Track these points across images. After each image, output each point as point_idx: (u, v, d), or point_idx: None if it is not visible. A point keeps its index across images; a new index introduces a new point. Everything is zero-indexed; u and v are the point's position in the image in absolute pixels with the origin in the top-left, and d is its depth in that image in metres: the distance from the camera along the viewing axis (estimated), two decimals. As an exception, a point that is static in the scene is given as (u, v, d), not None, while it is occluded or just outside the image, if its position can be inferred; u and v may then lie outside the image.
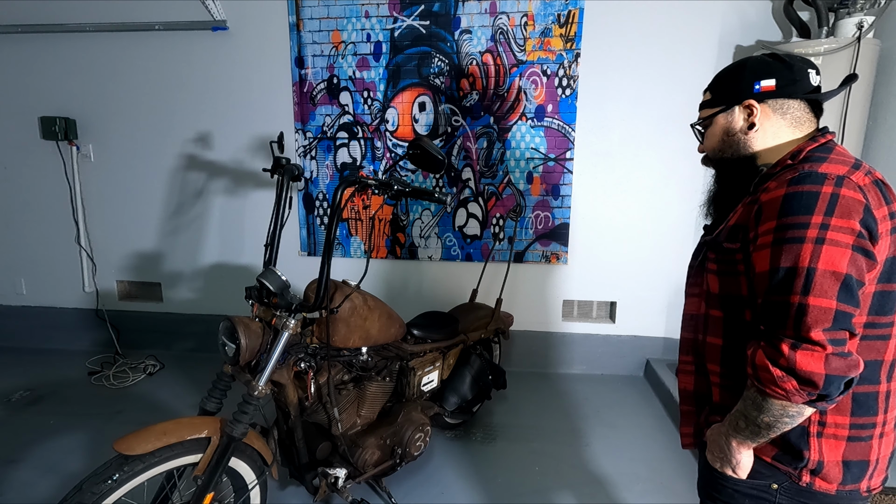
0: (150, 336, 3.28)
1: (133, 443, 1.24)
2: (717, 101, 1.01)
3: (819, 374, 0.74)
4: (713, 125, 1.01)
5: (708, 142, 1.04)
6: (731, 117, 0.99)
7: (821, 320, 0.75)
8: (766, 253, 0.81)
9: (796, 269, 0.77)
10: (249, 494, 1.52)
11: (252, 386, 1.40)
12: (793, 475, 0.89)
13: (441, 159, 1.46)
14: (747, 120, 0.97)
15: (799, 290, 0.77)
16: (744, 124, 0.97)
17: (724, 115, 1.00)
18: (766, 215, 0.83)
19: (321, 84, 2.87)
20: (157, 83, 2.97)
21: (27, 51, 3.00)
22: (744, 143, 0.98)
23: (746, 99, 0.96)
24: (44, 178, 3.13)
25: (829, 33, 2.29)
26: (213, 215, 3.12)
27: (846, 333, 0.76)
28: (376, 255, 3.03)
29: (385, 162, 2.93)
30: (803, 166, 0.83)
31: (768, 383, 0.79)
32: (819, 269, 0.76)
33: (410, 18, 2.75)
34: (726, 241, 0.91)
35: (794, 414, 0.80)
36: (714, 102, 1.01)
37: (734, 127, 0.99)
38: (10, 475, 2.00)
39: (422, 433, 1.89)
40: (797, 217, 0.78)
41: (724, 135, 1.00)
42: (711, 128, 1.02)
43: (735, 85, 0.98)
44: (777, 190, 0.82)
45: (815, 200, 0.78)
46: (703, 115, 1.04)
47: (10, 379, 2.86)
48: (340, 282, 1.65)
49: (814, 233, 0.77)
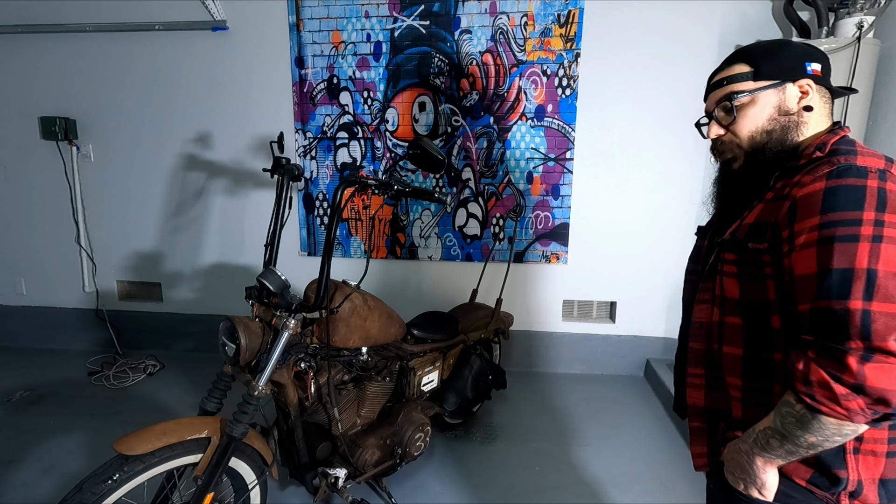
0: (150, 336, 3.28)
1: (133, 443, 1.24)
2: (764, 75, 0.87)
3: (894, 391, 0.65)
4: (754, 103, 0.87)
5: (747, 122, 0.88)
6: (784, 95, 0.86)
7: (892, 328, 0.66)
8: (811, 253, 0.72)
9: (853, 270, 0.68)
10: (249, 494, 1.52)
11: (252, 386, 1.40)
12: (830, 500, 0.80)
13: (441, 159, 1.46)
14: (799, 102, 0.86)
15: (860, 294, 0.68)
16: (798, 106, 0.86)
17: (775, 92, 0.86)
18: (804, 211, 0.74)
19: (321, 84, 2.87)
20: (157, 83, 2.97)
21: (27, 51, 3.00)
22: (797, 127, 0.87)
23: (802, 78, 0.86)
24: (44, 178, 3.13)
25: (829, 33, 2.29)
26: (213, 215, 3.12)
27: None
28: (376, 255, 3.03)
29: (385, 162, 2.93)
30: (838, 159, 0.76)
31: (827, 401, 0.69)
32: (881, 271, 0.68)
33: (410, 18, 2.75)
34: (751, 240, 0.82)
35: (849, 433, 0.71)
36: (759, 76, 0.87)
37: (789, 106, 0.86)
38: (10, 475, 2.00)
39: (422, 433, 1.89)
40: (845, 213, 0.70)
41: (777, 114, 0.87)
42: (751, 106, 0.87)
43: (787, 61, 0.87)
44: (815, 184, 0.74)
45: (862, 195, 0.70)
46: (744, 89, 0.88)
47: (10, 379, 2.86)
48: (340, 282, 1.65)
49: (868, 230, 0.69)
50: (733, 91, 0.89)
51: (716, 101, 0.92)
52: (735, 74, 0.90)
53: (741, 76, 0.89)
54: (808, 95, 0.86)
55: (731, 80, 0.90)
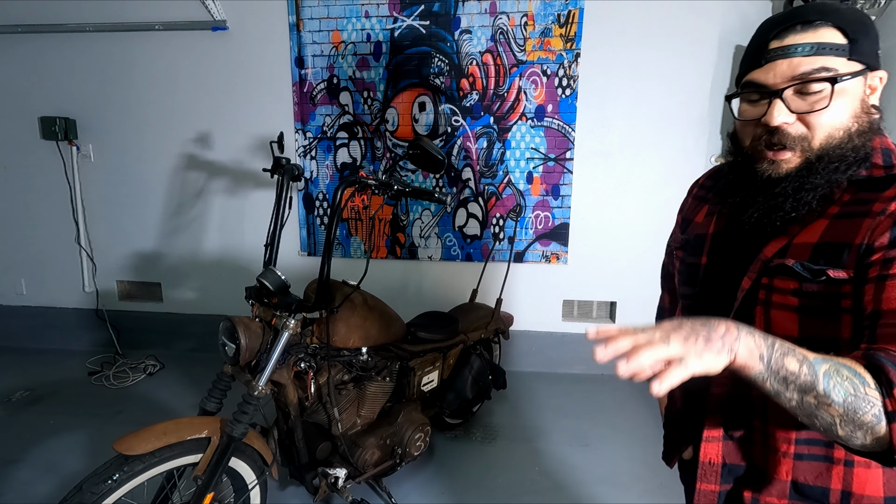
0: (150, 336, 3.28)
1: (133, 443, 1.24)
2: (859, 53, 0.65)
3: None
4: (844, 91, 0.65)
5: (832, 115, 0.65)
6: (865, 86, 0.67)
7: None
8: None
9: None
10: (249, 494, 1.52)
11: (252, 386, 1.40)
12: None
13: (441, 159, 1.46)
14: (869, 97, 0.68)
15: None
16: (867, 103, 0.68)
17: (861, 80, 0.66)
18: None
19: (321, 84, 2.87)
20: (157, 83, 2.97)
21: (27, 51, 3.00)
22: (870, 128, 0.67)
23: (878, 68, 0.67)
24: (44, 178, 3.13)
25: (829, 33, 2.29)
26: (213, 215, 3.12)
27: None
28: (376, 255, 3.03)
29: (385, 162, 2.93)
30: None
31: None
32: None
33: (410, 18, 2.75)
34: (828, 266, 0.64)
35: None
36: (857, 54, 0.65)
37: (868, 102, 0.68)
38: (10, 475, 2.00)
39: (422, 433, 1.89)
40: None
41: (862, 109, 0.67)
42: (841, 95, 0.65)
43: (875, 41, 0.67)
44: None
45: None
46: (841, 70, 0.64)
47: (10, 379, 2.86)
48: (340, 282, 1.65)
49: None
50: (825, 67, 0.64)
51: (794, 76, 0.65)
52: (829, 44, 0.64)
53: (836, 48, 0.64)
54: (876, 92, 0.69)
55: (823, 50, 0.64)
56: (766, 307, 0.70)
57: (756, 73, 0.69)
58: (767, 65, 0.67)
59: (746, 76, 0.71)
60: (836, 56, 0.64)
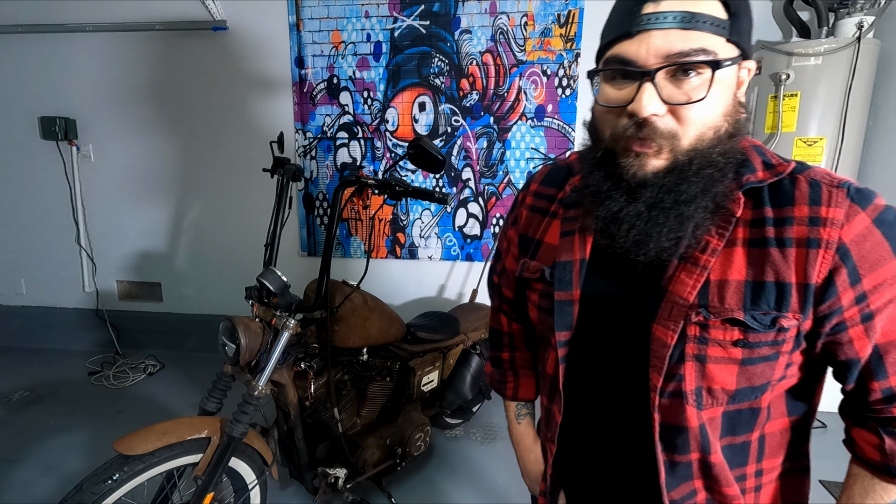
0: (150, 336, 3.28)
1: (133, 443, 1.24)
2: (739, 34, 0.54)
3: None
4: (716, 81, 0.53)
5: (709, 107, 0.54)
6: (737, 77, 0.57)
7: None
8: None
9: None
10: (249, 494, 1.52)
11: (252, 386, 1.40)
12: None
13: (441, 159, 1.46)
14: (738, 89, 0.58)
15: None
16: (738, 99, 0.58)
17: (735, 70, 0.56)
18: (873, 259, 0.54)
19: (321, 84, 2.87)
20: (157, 83, 2.97)
21: (27, 51, 3.00)
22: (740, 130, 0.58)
23: (751, 58, 0.57)
24: (44, 178, 3.13)
25: (829, 33, 2.29)
26: (213, 215, 3.12)
27: None
28: (376, 255, 3.03)
29: (385, 162, 2.93)
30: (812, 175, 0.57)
31: None
32: None
33: (410, 18, 2.75)
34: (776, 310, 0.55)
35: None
36: (736, 34, 0.54)
37: (740, 94, 0.58)
38: (10, 475, 2.00)
39: (422, 433, 1.89)
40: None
41: (733, 106, 0.56)
42: (719, 84, 0.54)
43: (751, 25, 0.57)
44: (854, 218, 0.54)
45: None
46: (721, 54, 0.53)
47: (10, 379, 2.86)
48: (340, 282, 1.65)
49: None
50: (703, 49, 0.51)
51: (669, 55, 0.52)
52: (710, 17, 0.51)
53: (718, 24, 0.52)
54: (743, 86, 0.58)
55: (704, 24, 0.51)
56: (700, 362, 0.58)
57: (624, 46, 0.54)
58: (639, 35, 0.52)
59: (612, 48, 0.56)
60: (716, 34, 0.52)
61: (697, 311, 0.57)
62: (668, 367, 0.59)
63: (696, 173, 0.55)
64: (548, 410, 0.76)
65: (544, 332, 0.73)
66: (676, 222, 0.56)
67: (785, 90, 2.25)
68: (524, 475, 0.93)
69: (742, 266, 0.57)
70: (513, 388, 0.94)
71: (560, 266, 0.68)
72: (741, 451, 0.63)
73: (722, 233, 0.57)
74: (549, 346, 0.72)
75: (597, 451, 0.71)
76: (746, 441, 0.63)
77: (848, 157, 2.26)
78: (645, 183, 0.56)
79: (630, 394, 0.63)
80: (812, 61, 2.20)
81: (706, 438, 0.60)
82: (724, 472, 0.62)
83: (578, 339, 0.68)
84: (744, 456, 0.64)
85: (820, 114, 2.23)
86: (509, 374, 0.95)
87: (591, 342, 0.67)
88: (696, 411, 0.59)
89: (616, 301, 0.64)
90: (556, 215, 0.73)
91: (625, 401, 0.65)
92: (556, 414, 0.72)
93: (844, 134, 2.21)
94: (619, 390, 0.65)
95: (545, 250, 0.73)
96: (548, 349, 0.73)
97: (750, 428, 0.63)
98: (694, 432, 0.60)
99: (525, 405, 0.95)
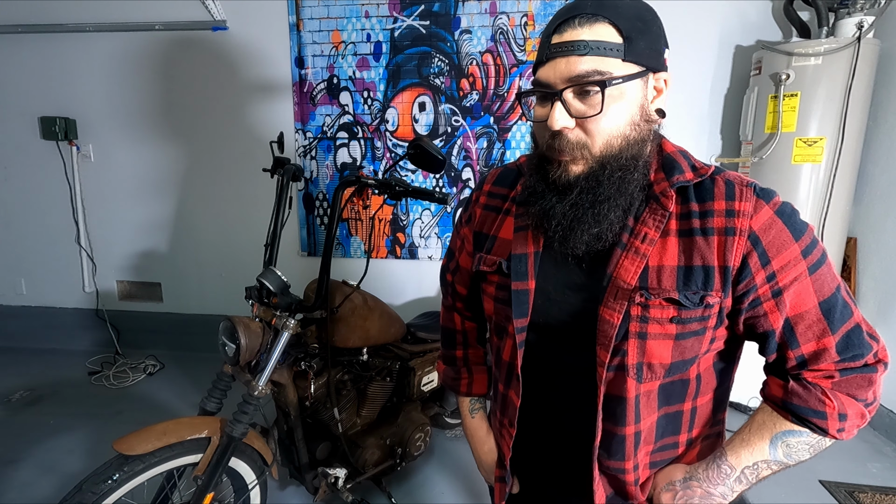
0: (150, 336, 3.28)
1: (133, 443, 1.24)
2: (635, 54, 0.61)
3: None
4: (622, 95, 0.62)
5: (609, 120, 0.62)
6: (646, 91, 0.65)
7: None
8: (806, 286, 0.64)
9: (839, 287, 0.65)
10: (249, 494, 1.52)
11: (252, 386, 1.40)
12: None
13: (441, 159, 1.46)
14: (652, 102, 0.66)
15: (852, 306, 0.66)
16: (652, 108, 0.66)
17: (642, 83, 0.64)
18: (778, 244, 0.63)
19: (321, 84, 2.87)
20: (157, 83, 2.97)
21: (27, 51, 3.00)
22: (650, 136, 0.67)
23: (663, 70, 0.65)
24: (44, 178, 3.13)
25: (829, 33, 2.29)
26: (214, 215, 3.12)
27: None
28: (376, 255, 3.03)
29: (385, 162, 2.93)
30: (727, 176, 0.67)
31: (857, 430, 0.67)
32: (840, 279, 0.67)
33: (410, 18, 2.75)
34: (703, 290, 0.64)
35: None
36: (630, 54, 0.61)
37: (649, 108, 0.66)
38: (10, 475, 2.00)
39: (422, 433, 1.89)
40: (808, 232, 0.65)
41: (640, 117, 0.64)
42: (619, 99, 0.62)
43: (656, 41, 0.64)
44: (761, 210, 0.63)
45: (795, 210, 0.67)
46: (615, 73, 0.61)
47: (10, 379, 2.86)
48: (340, 282, 1.65)
49: (822, 246, 0.66)
50: (597, 70, 0.60)
51: (570, 77, 0.61)
52: (603, 43, 0.60)
53: (610, 48, 0.60)
54: (661, 95, 0.67)
55: (597, 49, 0.60)
56: (641, 339, 0.66)
57: (542, 71, 0.64)
58: (549, 62, 0.63)
59: (535, 74, 0.66)
60: (611, 57, 0.60)
61: (640, 293, 0.65)
62: (614, 345, 0.67)
63: (608, 177, 0.64)
64: (504, 397, 0.82)
65: (500, 321, 0.80)
66: (594, 220, 0.65)
67: (785, 90, 2.25)
68: (479, 466, 0.97)
69: (675, 253, 0.66)
70: (467, 385, 1.00)
71: (516, 258, 0.75)
72: (675, 420, 0.74)
73: (658, 225, 0.66)
74: (507, 335, 0.78)
75: (549, 430, 0.79)
76: (679, 410, 0.73)
77: (848, 157, 2.26)
78: (569, 185, 0.66)
79: (579, 372, 0.71)
80: (812, 61, 2.20)
81: (639, 409, 0.69)
82: (648, 437, 0.72)
83: (533, 326, 0.75)
84: (678, 424, 0.74)
85: (820, 114, 2.23)
86: (463, 370, 1.01)
87: (545, 328, 0.74)
88: (636, 383, 0.68)
89: (567, 289, 0.72)
90: (510, 212, 0.81)
91: (575, 379, 0.72)
92: (514, 399, 0.78)
93: (844, 134, 2.21)
94: (570, 370, 0.73)
95: (500, 245, 0.80)
96: (504, 338, 0.80)
97: (682, 398, 0.72)
98: (630, 403, 0.69)
99: (478, 400, 1.00)
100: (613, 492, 0.76)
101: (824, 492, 1.93)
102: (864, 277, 2.46)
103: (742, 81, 2.62)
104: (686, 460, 0.77)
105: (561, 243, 0.68)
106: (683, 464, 0.76)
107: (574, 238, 0.66)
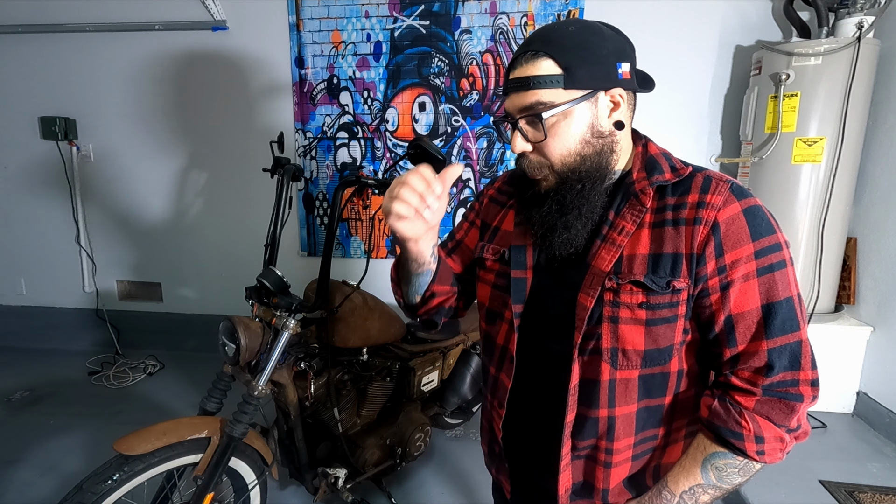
0: (150, 336, 3.28)
1: (133, 443, 1.24)
2: (576, 81, 0.68)
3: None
4: (565, 117, 0.69)
5: (558, 142, 0.70)
6: (596, 109, 0.71)
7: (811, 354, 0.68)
8: (752, 286, 0.66)
9: (792, 298, 0.66)
10: (249, 494, 1.52)
11: (252, 386, 1.41)
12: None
13: (441, 159, 1.46)
14: (609, 117, 0.72)
15: (800, 323, 0.67)
16: (608, 122, 0.72)
17: (589, 105, 0.70)
18: (734, 238, 0.66)
19: (321, 84, 2.87)
20: (157, 83, 2.97)
21: (27, 51, 3.00)
22: (612, 148, 0.73)
23: (615, 86, 0.70)
24: (44, 178, 3.13)
25: (829, 33, 2.29)
26: (213, 215, 3.12)
27: None
28: (376, 255, 3.03)
29: (385, 162, 2.93)
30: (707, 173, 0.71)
31: (780, 453, 0.68)
32: (796, 295, 0.67)
33: (410, 18, 2.75)
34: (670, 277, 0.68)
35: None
36: (572, 82, 0.68)
37: (602, 125, 0.71)
38: (10, 475, 2.00)
39: (422, 433, 1.89)
40: (770, 238, 0.66)
41: (591, 135, 0.71)
42: (563, 120, 0.69)
43: (600, 62, 0.69)
44: (730, 205, 0.66)
45: (767, 216, 0.68)
46: (553, 101, 0.68)
47: (10, 379, 2.86)
48: (340, 282, 1.65)
49: (787, 253, 0.67)
50: (540, 101, 0.68)
51: (521, 109, 0.71)
52: (543, 76, 0.68)
53: (550, 80, 0.67)
54: (619, 108, 0.72)
55: (538, 84, 0.68)
56: (613, 323, 0.71)
57: (505, 103, 0.74)
58: (507, 96, 0.73)
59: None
60: (552, 87, 0.68)
61: (611, 277, 0.71)
62: (587, 328, 0.72)
63: (570, 189, 0.72)
64: (496, 379, 0.86)
65: (495, 307, 0.86)
66: (563, 227, 0.73)
67: (785, 90, 2.25)
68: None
69: (647, 243, 0.70)
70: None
71: (516, 249, 0.82)
72: (656, 413, 0.76)
73: (635, 219, 0.72)
74: (501, 320, 0.84)
75: (532, 412, 0.83)
76: (660, 404, 0.76)
77: (848, 157, 2.26)
78: (543, 199, 0.75)
79: (562, 358, 0.75)
80: (812, 61, 2.20)
81: (613, 394, 0.73)
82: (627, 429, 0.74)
83: (527, 311, 0.80)
84: (657, 417, 0.76)
85: (820, 114, 2.24)
86: None
87: (536, 313, 0.80)
88: (610, 367, 0.72)
89: (556, 278, 0.78)
90: (512, 207, 0.87)
91: (558, 364, 0.76)
92: (506, 381, 0.83)
93: (844, 134, 2.21)
94: (554, 356, 0.77)
95: (502, 235, 0.87)
96: (498, 323, 0.85)
97: (663, 392, 0.75)
98: (604, 386, 0.72)
99: None
100: (583, 479, 0.79)
101: (824, 492, 1.93)
102: (864, 277, 2.46)
103: (742, 81, 2.62)
104: (669, 456, 0.79)
105: (542, 245, 0.77)
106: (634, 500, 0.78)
107: (551, 241, 0.75)
